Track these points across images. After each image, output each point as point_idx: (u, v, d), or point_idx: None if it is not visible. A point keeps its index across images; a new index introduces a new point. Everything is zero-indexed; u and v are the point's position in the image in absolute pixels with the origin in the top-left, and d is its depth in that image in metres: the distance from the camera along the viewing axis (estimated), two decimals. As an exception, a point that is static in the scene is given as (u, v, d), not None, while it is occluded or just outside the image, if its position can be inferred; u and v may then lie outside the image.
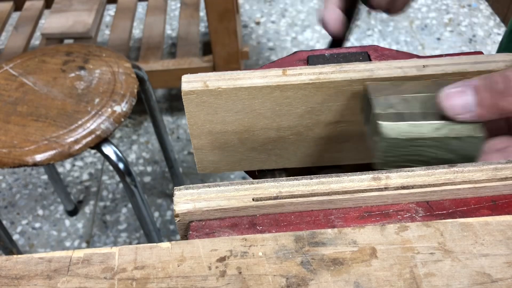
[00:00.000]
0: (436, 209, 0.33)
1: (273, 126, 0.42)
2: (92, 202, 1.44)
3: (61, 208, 1.43)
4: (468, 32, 1.90)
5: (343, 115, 0.42)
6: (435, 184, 0.33)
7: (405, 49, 1.84)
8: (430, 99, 0.37)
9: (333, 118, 0.42)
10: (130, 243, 1.34)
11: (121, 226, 1.38)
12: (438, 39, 1.88)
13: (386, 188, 0.33)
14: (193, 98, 0.39)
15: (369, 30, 1.94)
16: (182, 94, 0.39)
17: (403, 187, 0.33)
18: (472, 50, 1.83)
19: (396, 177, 0.33)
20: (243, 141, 0.43)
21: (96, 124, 0.92)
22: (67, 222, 1.39)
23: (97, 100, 0.96)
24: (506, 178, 0.33)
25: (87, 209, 1.42)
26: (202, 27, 1.91)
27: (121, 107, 0.96)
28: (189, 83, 0.39)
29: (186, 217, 0.32)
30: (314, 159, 0.45)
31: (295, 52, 0.47)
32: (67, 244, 1.34)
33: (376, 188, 0.33)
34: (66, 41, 1.56)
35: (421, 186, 0.33)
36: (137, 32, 1.92)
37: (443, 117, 0.35)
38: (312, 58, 0.46)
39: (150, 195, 1.45)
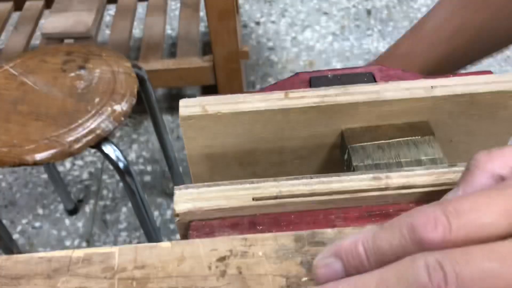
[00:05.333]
0: (436, 209, 0.33)
1: (275, 150, 0.41)
2: (92, 201, 1.44)
3: (61, 207, 1.43)
4: (468, 32, 1.90)
5: None
6: (436, 184, 0.33)
7: (405, 49, 1.84)
8: (405, 144, 0.38)
9: (338, 142, 0.41)
10: (130, 242, 1.34)
11: (121, 225, 1.38)
12: (438, 39, 1.87)
13: (386, 188, 0.33)
14: (191, 124, 0.38)
15: (369, 30, 1.94)
16: (180, 119, 0.38)
17: (404, 187, 0.33)
18: (472, 50, 1.83)
19: (396, 177, 0.33)
20: (244, 166, 0.42)
21: (96, 123, 0.92)
22: (67, 221, 1.39)
23: (97, 99, 0.96)
24: (506, 178, 0.33)
25: (87, 208, 1.42)
26: (202, 27, 1.91)
27: (121, 107, 0.96)
28: (188, 107, 0.38)
29: (186, 217, 0.32)
30: None
31: (297, 74, 0.46)
32: (67, 243, 1.34)
33: (376, 188, 0.33)
34: (67, 41, 1.56)
35: (421, 186, 0.33)
36: (137, 32, 1.92)
37: (417, 165, 0.37)
38: (314, 80, 0.45)
39: (150, 194, 1.45)
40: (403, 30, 1.91)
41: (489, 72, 0.43)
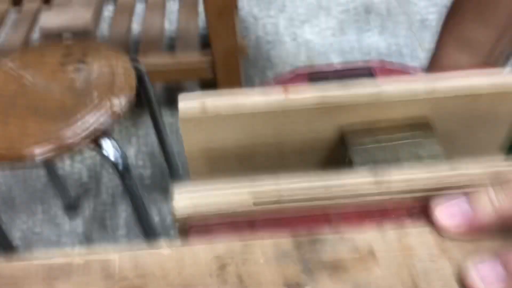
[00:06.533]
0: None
1: (275, 148, 0.41)
2: (91, 203, 1.44)
3: (60, 209, 1.42)
4: (467, 29, 1.89)
5: None
6: (437, 184, 0.33)
7: (403, 44, 1.84)
8: (405, 142, 0.38)
9: (338, 138, 0.41)
10: (129, 244, 1.34)
11: (120, 226, 1.38)
12: (437, 34, 1.87)
13: (387, 190, 0.33)
14: (190, 121, 0.38)
15: (368, 25, 1.93)
16: (179, 117, 0.38)
17: (404, 188, 0.33)
18: (472, 47, 1.83)
19: (397, 178, 0.33)
20: (243, 164, 0.42)
21: (95, 118, 0.91)
22: (66, 223, 1.39)
23: (95, 94, 0.96)
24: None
25: (86, 210, 1.42)
26: (201, 21, 1.91)
27: (120, 101, 0.95)
28: (186, 104, 0.38)
29: (185, 220, 0.32)
30: None
31: (296, 69, 0.46)
32: (66, 245, 1.34)
33: (377, 190, 0.33)
34: (65, 36, 1.55)
35: (422, 188, 0.33)
36: (136, 27, 1.91)
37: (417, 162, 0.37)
38: (314, 76, 0.45)
39: (149, 193, 1.45)
40: (402, 26, 1.91)
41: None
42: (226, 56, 1.51)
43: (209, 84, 1.62)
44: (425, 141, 0.38)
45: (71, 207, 1.41)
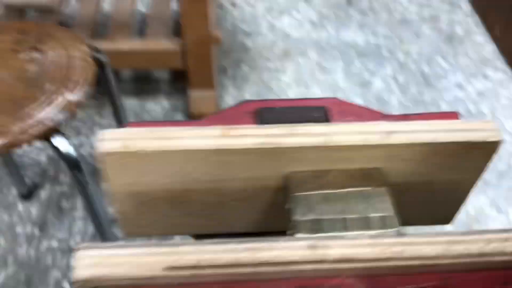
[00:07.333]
0: (379, 285, 0.29)
1: (211, 191, 0.36)
2: (48, 186, 1.38)
3: (14, 191, 1.36)
4: (447, 30, 1.86)
5: None
6: (380, 258, 0.29)
7: (382, 42, 1.80)
8: (353, 196, 0.34)
9: (283, 185, 0.36)
10: (85, 232, 1.29)
11: (77, 213, 1.33)
12: (417, 34, 1.84)
13: (323, 260, 0.29)
14: (112, 160, 0.33)
15: (348, 20, 1.89)
16: (99, 155, 0.33)
17: (343, 260, 0.29)
18: (450, 48, 1.80)
19: (335, 247, 0.29)
20: (176, 206, 0.37)
21: (45, 113, 0.85)
22: (20, 207, 1.33)
23: (48, 86, 0.89)
24: (458, 256, 0.29)
25: (43, 194, 1.36)
26: (176, 6, 1.84)
27: (75, 96, 0.89)
28: (108, 142, 0.33)
29: (87, 284, 0.28)
30: (262, 225, 0.40)
31: (243, 102, 0.41)
32: (19, 229, 1.28)
33: (311, 260, 0.29)
34: (29, 14, 1.47)
35: (363, 260, 0.29)
36: (106, 7, 1.83)
37: (364, 223, 0.32)
38: (261, 112, 0.40)
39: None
40: (382, 22, 1.87)
41: (455, 114, 0.39)
42: (198, 45, 1.45)
43: (180, 73, 1.56)
44: (375, 196, 0.34)
45: (27, 193, 1.35)
